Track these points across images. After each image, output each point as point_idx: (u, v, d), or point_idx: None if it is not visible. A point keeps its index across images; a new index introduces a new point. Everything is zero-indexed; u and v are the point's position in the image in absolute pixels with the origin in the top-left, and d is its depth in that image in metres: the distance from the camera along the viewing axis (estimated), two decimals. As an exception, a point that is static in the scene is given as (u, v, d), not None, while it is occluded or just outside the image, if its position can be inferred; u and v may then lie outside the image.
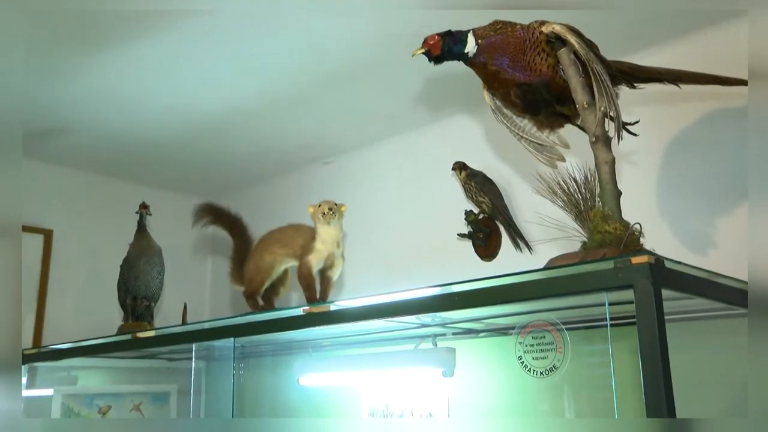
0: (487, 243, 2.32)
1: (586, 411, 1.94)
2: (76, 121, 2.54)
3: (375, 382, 2.43)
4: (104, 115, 2.50)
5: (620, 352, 1.74)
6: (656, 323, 1.17)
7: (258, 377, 2.92)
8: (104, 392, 2.87)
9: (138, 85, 2.27)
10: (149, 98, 2.37)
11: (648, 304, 1.18)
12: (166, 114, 2.50)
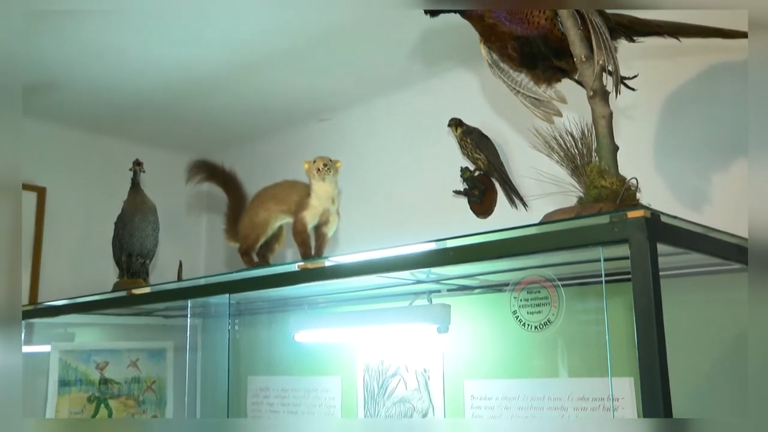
0: (483, 200, 2.31)
1: (580, 367, 1.96)
2: (67, 76, 2.50)
3: (370, 338, 2.45)
4: (96, 70, 2.46)
5: (615, 309, 1.75)
6: (651, 278, 1.17)
7: (253, 334, 2.94)
8: (101, 348, 2.89)
9: (130, 39, 2.23)
10: (142, 53, 2.33)
11: (643, 259, 1.18)
12: (159, 69, 2.46)
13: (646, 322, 1.17)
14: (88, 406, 2.80)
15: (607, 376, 1.89)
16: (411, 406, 2.33)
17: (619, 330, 1.73)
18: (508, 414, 2.08)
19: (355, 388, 2.50)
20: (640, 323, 1.18)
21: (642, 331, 1.18)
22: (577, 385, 1.95)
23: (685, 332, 1.71)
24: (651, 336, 1.18)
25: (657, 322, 1.17)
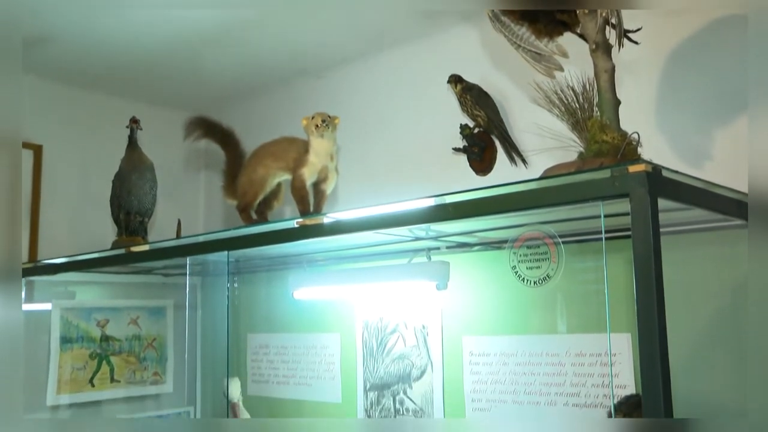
0: (482, 157, 2.29)
1: (578, 323, 1.97)
2: (62, 31, 2.46)
3: (369, 295, 2.46)
4: (92, 26, 2.42)
5: (614, 266, 1.75)
6: (651, 232, 1.17)
7: (252, 292, 2.95)
8: (102, 306, 2.91)
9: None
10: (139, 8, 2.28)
11: (644, 214, 1.17)
12: (156, 25, 2.42)
13: (646, 276, 1.17)
14: (90, 362, 2.83)
15: (604, 332, 1.90)
16: (410, 362, 2.35)
17: (618, 287, 1.73)
18: (506, 370, 2.10)
19: (354, 344, 2.52)
20: (640, 277, 1.18)
21: (641, 285, 1.18)
22: (574, 341, 1.96)
23: (684, 288, 1.71)
24: (650, 290, 1.18)
25: (656, 277, 1.17)
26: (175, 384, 3.03)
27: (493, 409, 2.12)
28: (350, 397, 2.53)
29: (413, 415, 2.31)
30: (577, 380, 1.95)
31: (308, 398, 2.68)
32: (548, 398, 2.00)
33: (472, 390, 2.17)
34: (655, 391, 1.17)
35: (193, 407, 3.09)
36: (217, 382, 2.97)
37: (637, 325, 1.21)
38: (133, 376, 2.93)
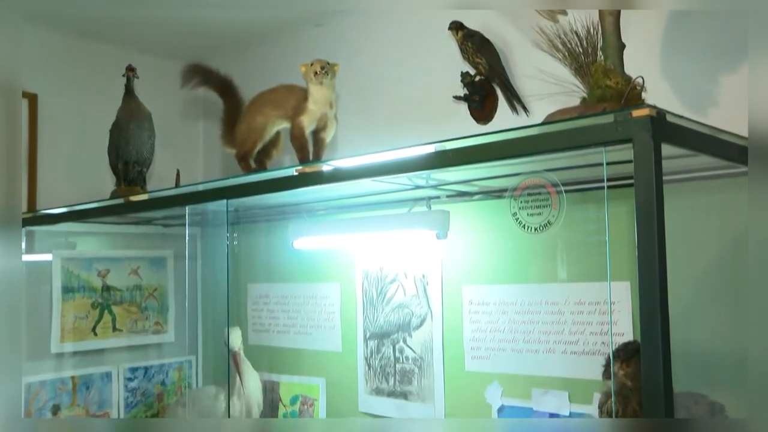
0: (483, 105, 2.26)
1: (578, 272, 1.97)
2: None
3: (369, 245, 2.46)
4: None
5: (615, 214, 1.73)
6: (654, 179, 1.15)
7: (253, 242, 2.95)
8: (102, 257, 2.91)
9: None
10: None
11: (647, 159, 1.16)
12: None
13: (647, 223, 1.16)
14: (92, 311, 2.85)
15: (603, 281, 1.90)
16: (409, 311, 2.36)
17: (619, 235, 1.72)
18: (505, 319, 2.11)
19: (354, 294, 2.53)
20: (641, 224, 1.17)
21: (642, 232, 1.17)
22: (574, 290, 1.97)
23: (685, 236, 1.71)
24: (651, 237, 1.17)
25: (658, 224, 1.16)
26: (176, 333, 3.05)
27: (492, 358, 2.14)
28: (350, 346, 2.55)
29: (413, 364, 2.33)
30: (575, 328, 1.96)
31: (308, 347, 2.70)
32: (547, 346, 2.02)
33: (472, 338, 2.19)
34: (654, 339, 1.18)
35: (195, 356, 3.12)
36: (217, 331, 2.99)
37: (638, 272, 1.20)
38: (134, 326, 2.95)
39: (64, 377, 2.75)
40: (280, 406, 2.80)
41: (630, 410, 1.58)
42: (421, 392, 2.31)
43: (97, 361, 2.86)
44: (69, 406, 2.75)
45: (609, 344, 1.88)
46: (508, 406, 2.10)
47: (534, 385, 2.05)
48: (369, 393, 2.47)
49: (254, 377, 2.67)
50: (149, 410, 2.95)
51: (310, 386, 2.70)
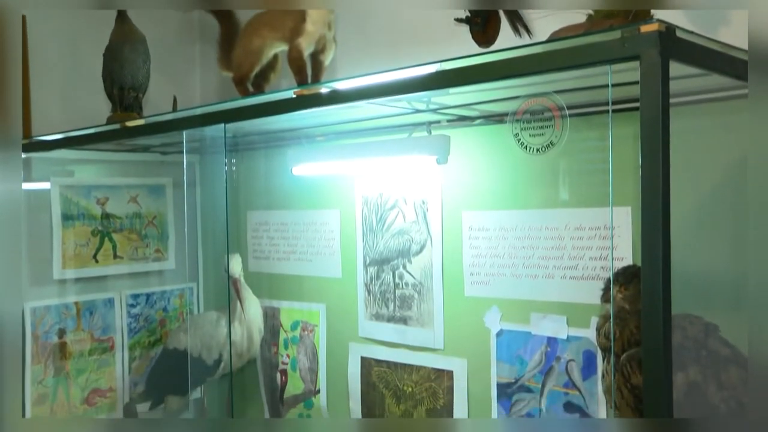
0: (485, 28, 2.20)
1: (579, 197, 1.96)
2: None
3: (369, 171, 2.44)
4: None
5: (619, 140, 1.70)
6: (660, 98, 1.13)
7: (251, 169, 2.93)
8: (101, 184, 2.90)
9: None
10: None
11: (654, 77, 1.13)
12: None
13: (653, 142, 1.15)
14: (93, 239, 2.85)
15: (604, 206, 1.89)
16: (409, 237, 2.36)
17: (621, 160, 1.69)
18: (505, 244, 2.11)
19: (354, 220, 2.53)
20: (646, 144, 1.15)
21: (647, 152, 1.16)
22: (574, 215, 1.96)
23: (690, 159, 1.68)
24: (656, 157, 1.15)
25: (663, 143, 1.14)
26: (176, 261, 3.07)
27: (491, 283, 2.15)
28: (350, 272, 2.56)
29: (412, 289, 2.35)
30: (575, 254, 1.96)
31: (309, 274, 2.72)
32: (546, 271, 2.02)
33: (471, 264, 2.20)
34: (654, 263, 1.18)
35: (196, 283, 3.15)
36: (218, 258, 3.00)
37: (641, 195, 1.19)
38: (135, 253, 2.96)
39: (67, 303, 2.78)
40: (281, 332, 2.84)
41: (627, 332, 1.60)
42: (420, 317, 2.34)
43: (99, 288, 2.88)
44: (74, 330, 2.78)
45: (607, 269, 1.89)
46: (507, 330, 2.13)
47: (533, 309, 2.06)
48: (369, 318, 2.50)
49: (255, 303, 2.69)
50: (152, 335, 2.99)
51: (311, 312, 2.73)
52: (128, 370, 2.92)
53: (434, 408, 2.32)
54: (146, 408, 2.83)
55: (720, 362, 1.50)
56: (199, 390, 2.89)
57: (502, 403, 2.15)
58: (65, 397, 2.75)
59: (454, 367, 2.26)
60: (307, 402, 2.76)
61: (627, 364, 1.56)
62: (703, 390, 1.48)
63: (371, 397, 2.52)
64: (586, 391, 1.96)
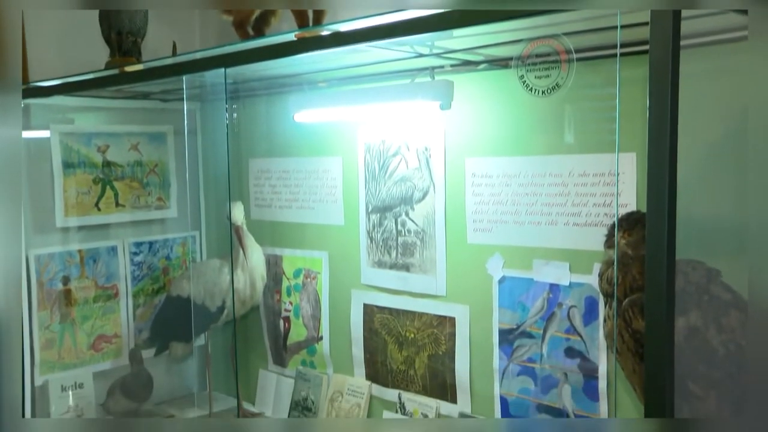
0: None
1: (583, 143, 1.94)
2: None
3: (371, 117, 2.42)
4: None
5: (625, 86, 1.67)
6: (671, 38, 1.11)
7: (253, 116, 2.90)
8: (101, 132, 2.88)
9: None
10: None
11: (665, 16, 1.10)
12: None
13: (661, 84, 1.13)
14: (94, 187, 2.84)
15: (608, 152, 1.88)
16: (412, 184, 2.35)
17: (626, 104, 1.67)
18: (508, 191, 2.10)
19: (356, 167, 2.52)
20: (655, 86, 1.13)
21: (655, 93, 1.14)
22: (578, 162, 1.95)
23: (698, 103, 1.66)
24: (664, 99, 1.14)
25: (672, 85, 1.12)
26: (179, 209, 3.07)
27: (494, 230, 2.15)
28: (352, 220, 2.56)
29: (415, 236, 2.35)
30: (579, 200, 1.95)
31: (311, 221, 2.72)
32: (549, 218, 2.02)
33: (474, 211, 2.19)
34: (659, 210, 1.17)
35: (198, 231, 3.15)
36: (220, 206, 3.00)
37: (648, 139, 1.18)
38: (137, 201, 2.96)
39: (71, 250, 2.79)
40: (284, 279, 2.86)
41: (629, 278, 1.60)
42: (423, 264, 2.34)
43: (102, 236, 2.88)
44: (78, 277, 2.80)
45: (610, 216, 1.88)
46: (509, 277, 2.13)
47: (535, 256, 2.06)
48: (371, 265, 2.50)
49: (257, 251, 2.70)
50: (155, 283, 3.01)
51: (313, 259, 2.74)
52: (133, 317, 2.94)
53: (436, 354, 2.35)
54: (151, 354, 2.87)
55: (721, 307, 1.51)
56: (203, 337, 2.92)
57: (503, 349, 2.17)
58: (72, 342, 2.79)
59: (456, 313, 2.28)
60: (310, 348, 2.79)
61: (629, 309, 1.56)
62: (704, 334, 1.49)
63: (374, 344, 2.54)
64: (587, 337, 1.98)
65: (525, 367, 2.12)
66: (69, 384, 2.73)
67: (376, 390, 2.55)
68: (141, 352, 2.77)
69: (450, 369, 2.31)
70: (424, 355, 2.39)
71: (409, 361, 2.44)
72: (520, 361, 2.13)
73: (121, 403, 2.68)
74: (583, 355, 1.99)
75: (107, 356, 2.88)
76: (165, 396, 3.03)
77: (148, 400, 2.78)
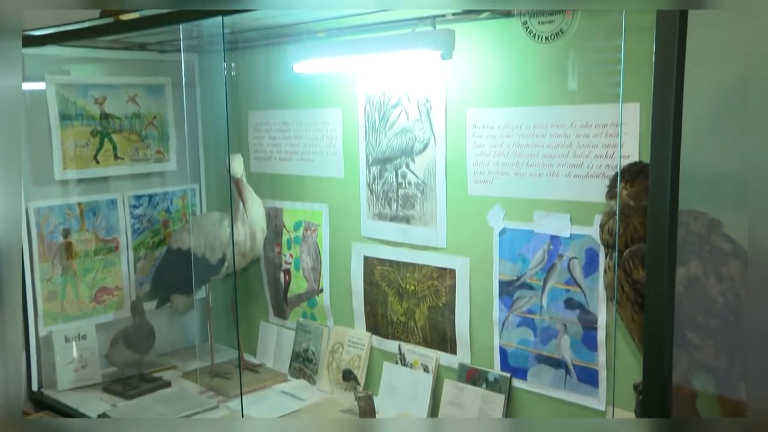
0: None
1: (586, 94, 1.92)
2: None
3: (371, 68, 2.38)
4: None
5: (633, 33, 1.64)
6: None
7: (251, 68, 2.86)
8: (98, 83, 2.84)
9: None
10: None
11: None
12: None
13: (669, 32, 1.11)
14: (92, 139, 2.82)
15: (611, 103, 1.86)
16: (412, 136, 2.33)
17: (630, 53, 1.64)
18: (510, 142, 2.08)
19: (356, 119, 2.49)
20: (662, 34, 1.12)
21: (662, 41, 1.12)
22: (580, 112, 1.92)
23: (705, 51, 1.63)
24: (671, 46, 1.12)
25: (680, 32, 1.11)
26: (178, 162, 3.05)
27: (495, 182, 2.14)
28: (352, 172, 2.55)
29: (415, 188, 2.34)
30: (580, 151, 1.94)
31: (311, 174, 2.71)
32: (551, 169, 2.01)
33: (475, 163, 2.18)
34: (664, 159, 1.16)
35: (198, 185, 3.14)
36: (219, 159, 2.99)
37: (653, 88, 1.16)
38: (136, 154, 2.94)
39: (70, 203, 2.78)
40: (284, 232, 2.86)
41: (631, 229, 1.60)
42: (423, 216, 2.34)
43: (101, 189, 2.88)
44: (78, 230, 2.80)
45: (612, 167, 1.86)
46: (510, 229, 2.13)
47: (536, 208, 2.06)
48: (371, 218, 2.50)
49: (257, 203, 2.69)
50: (156, 236, 3.01)
51: (313, 212, 2.73)
52: (134, 270, 2.95)
53: (436, 306, 2.36)
54: (153, 306, 2.89)
55: (721, 257, 1.51)
56: (203, 289, 2.93)
57: (503, 300, 2.18)
58: (74, 294, 2.80)
59: (456, 265, 2.28)
60: (310, 301, 2.80)
61: (629, 259, 1.56)
62: (703, 284, 1.49)
63: (374, 296, 2.55)
64: (587, 288, 1.99)
65: (525, 318, 2.14)
66: (72, 335, 2.76)
67: (377, 341, 2.57)
68: (143, 305, 2.79)
69: (450, 320, 2.32)
70: (424, 307, 2.41)
71: (409, 312, 2.45)
72: (519, 313, 2.15)
73: (123, 354, 2.71)
74: (583, 306, 2.00)
75: (109, 308, 2.90)
76: (167, 348, 3.06)
77: (150, 352, 2.81)
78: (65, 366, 2.72)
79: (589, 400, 2.02)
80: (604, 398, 1.98)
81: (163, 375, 2.84)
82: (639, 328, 1.59)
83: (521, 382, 2.16)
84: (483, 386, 2.22)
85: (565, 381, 2.06)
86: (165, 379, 2.78)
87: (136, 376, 2.76)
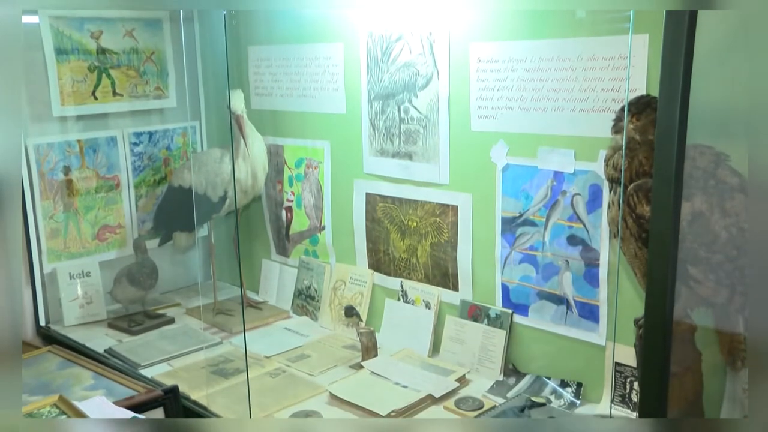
0: None
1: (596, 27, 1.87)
2: None
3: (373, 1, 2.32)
4: None
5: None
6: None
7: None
8: (93, 17, 2.77)
9: None
10: None
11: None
12: None
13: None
14: (90, 75, 2.78)
15: (619, 35, 1.81)
16: (415, 71, 2.29)
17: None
18: (514, 77, 2.04)
19: (358, 54, 2.44)
20: None
21: None
22: (588, 45, 1.88)
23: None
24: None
25: None
26: (178, 98, 3.01)
27: (498, 117, 2.11)
28: (354, 108, 2.51)
29: (418, 124, 2.31)
30: (586, 85, 1.90)
31: (312, 110, 2.67)
32: (555, 104, 1.97)
33: (479, 98, 2.14)
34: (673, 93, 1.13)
35: (198, 122, 3.11)
36: (219, 95, 2.95)
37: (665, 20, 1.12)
38: (135, 90, 2.90)
39: (70, 140, 2.76)
40: (286, 169, 2.84)
41: (636, 163, 1.58)
42: (425, 152, 2.31)
43: (101, 126, 2.84)
44: (79, 168, 2.78)
45: (618, 101, 1.83)
46: (513, 165, 2.11)
47: (540, 143, 2.03)
48: (374, 154, 2.48)
49: (258, 140, 2.67)
50: (156, 174, 2.99)
51: (315, 149, 2.71)
52: (135, 208, 2.95)
53: (438, 242, 2.36)
54: (155, 244, 2.89)
55: (726, 191, 1.49)
56: (205, 227, 2.94)
57: (505, 237, 2.17)
58: (77, 232, 2.80)
59: (458, 202, 2.27)
60: (312, 238, 2.80)
61: (634, 194, 1.55)
62: (707, 218, 1.48)
63: (376, 233, 2.55)
64: (590, 225, 1.98)
65: (527, 255, 2.14)
66: (76, 272, 2.77)
67: (379, 278, 2.58)
68: (145, 242, 2.79)
69: (452, 257, 2.33)
70: (426, 244, 2.41)
71: (411, 249, 2.46)
72: (522, 249, 2.14)
73: (127, 291, 2.73)
74: (585, 243, 2.00)
75: (112, 246, 2.91)
76: (170, 286, 3.08)
77: (154, 289, 2.83)
78: (70, 302, 2.75)
79: (589, 335, 2.03)
80: (605, 333, 2.00)
81: (167, 312, 2.87)
82: (641, 263, 1.59)
83: (522, 318, 2.18)
84: (484, 322, 2.24)
85: (566, 317, 2.07)
86: (169, 316, 2.81)
87: (141, 313, 2.79)
